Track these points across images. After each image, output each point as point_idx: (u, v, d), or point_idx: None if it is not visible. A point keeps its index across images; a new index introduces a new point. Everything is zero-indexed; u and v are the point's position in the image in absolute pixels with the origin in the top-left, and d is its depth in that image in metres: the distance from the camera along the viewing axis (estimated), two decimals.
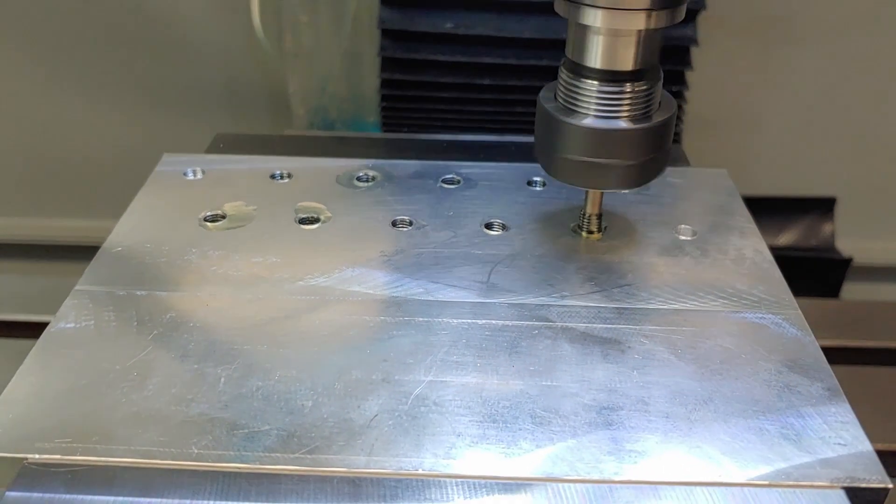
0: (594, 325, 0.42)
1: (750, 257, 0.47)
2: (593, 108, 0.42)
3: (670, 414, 0.37)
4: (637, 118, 0.42)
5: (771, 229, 1.04)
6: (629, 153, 0.43)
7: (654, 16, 0.40)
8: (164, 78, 1.05)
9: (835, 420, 0.37)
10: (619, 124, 0.42)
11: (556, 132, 0.43)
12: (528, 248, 0.48)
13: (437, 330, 0.41)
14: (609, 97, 0.42)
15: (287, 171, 0.55)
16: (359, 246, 0.48)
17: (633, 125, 0.42)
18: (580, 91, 0.42)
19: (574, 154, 0.43)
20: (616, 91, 0.42)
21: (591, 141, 0.42)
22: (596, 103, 0.42)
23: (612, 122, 0.42)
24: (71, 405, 0.37)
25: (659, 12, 0.40)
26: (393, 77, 0.72)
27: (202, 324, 0.42)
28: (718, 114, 1.02)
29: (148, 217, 0.50)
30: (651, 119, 0.43)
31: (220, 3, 0.99)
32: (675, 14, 0.41)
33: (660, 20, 0.40)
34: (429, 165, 0.56)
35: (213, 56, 1.03)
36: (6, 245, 1.17)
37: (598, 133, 0.42)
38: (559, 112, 0.43)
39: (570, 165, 0.44)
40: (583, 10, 0.40)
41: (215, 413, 0.36)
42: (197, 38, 1.02)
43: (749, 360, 0.40)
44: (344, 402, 0.37)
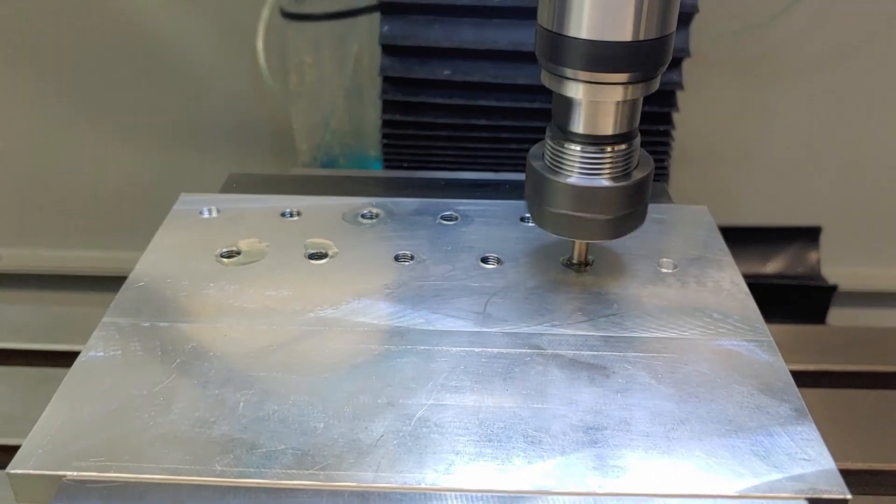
0: (582, 352, 0.46)
1: (727, 288, 0.51)
2: (577, 168, 0.46)
3: (650, 433, 0.40)
4: (617, 177, 0.47)
5: (758, 258, 1.08)
6: (610, 208, 0.47)
7: (629, 89, 0.44)
8: (174, 115, 1.09)
9: (801, 438, 0.40)
10: (601, 182, 0.46)
11: (544, 188, 0.48)
12: (521, 280, 0.52)
13: (437, 357, 0.45)
14: (591, 158, 0.46)
15: (296, 210, 0.59)
16: (364, 279, 0.52)
17: (613, 183, 0.46)
18: (565, 153, 0.46)
19: (560, 208, 0.47)
20: (597, 153, 0.46)
21: (576, 197, 0.47)
22: (579, 164, 0.46)
23: (595, 181, 0.46)
24: (103, 428, 0.40)
25: (635, 86, 0.44)
26: (394, 118, 0.77)
27: (221, 353, 0.45)
28: (705, 149, 1.06)
29: (168, 253, 0.54)
30: (630, 177, 0.47)
31: (228, 45, 1.03)
32: (649, 86, 0.45)
33: (635, 92, 0.44)
34: (428, 203, 0.60)
35: (221, 95, 1.07)
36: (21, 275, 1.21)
37: (582, 190, 0.46)
38: (546, 171, 0.48)
39: (557, 218, 0.48)
40: (566, 83, 0.44)
41: (236, 434, 0.40)
42: (206, 78, 1.06)
43: (724, 384, 0.44)
44: (353, 424, 0.40)
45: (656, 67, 0.44)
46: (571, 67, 0.44)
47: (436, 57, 0.74)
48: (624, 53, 0.43)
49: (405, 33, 0.73)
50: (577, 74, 0.44)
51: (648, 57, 0.43)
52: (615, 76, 0.44)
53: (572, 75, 0.44)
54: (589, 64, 0.43)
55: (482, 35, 0.72)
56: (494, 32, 0.73)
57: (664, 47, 0.44)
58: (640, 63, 0.43)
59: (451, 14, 0.72)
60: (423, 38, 0.73)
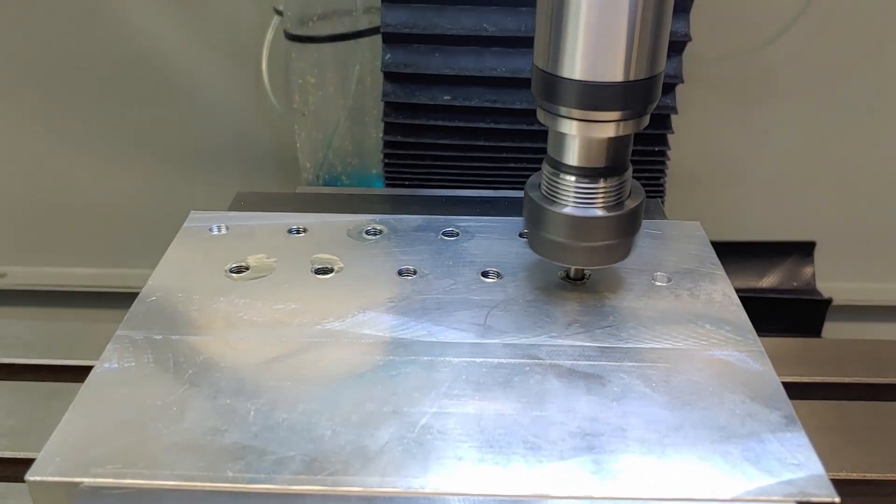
0: (579, 363, 0.47)
1: (719, 301, 0.53)
2: (571, 199, 0.48)
3: (645, 439, 0.42)
4: (610, 207, 0.49)
5: (755, 272, 1.09)
6: (603, 236, 0.49)
7: (621, 126, 0.46)
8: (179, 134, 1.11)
9: (791, 444, 0.42)
10: (594, 212, 0.48)
11: (541, 218, 0.50)
12: (520, 293, 0.54)
13: (439, 367, 0.47)
14: (585, 190, 0.48)
15: (303, 226, 0.61)
16: (369, 293, 0.53)
17: (606, 213, 0.49)
18: (560, 184, 0.49)
19: (556, 236, 0.49)
20: (591, 185, 0.48)
21: (571, 226, 0.49)
22: (574, 194, 0.48)
23: (589, 211, 0.49)
24: (119, 436, 0.42)
25: (626, 122, 0.46)
26: (395, 139, 0.79)
27: (232, 364, 0.47)
28: (701, 167, 1.09)
29: (179, 269, 0.56)
30: (623, 207, 0.49)
31: (234, 66, 1.05)
32: (640, 122, 0.47)
33: (627, 129, 0.47)
34: (430, 220, 0.62)
35: (226, 114, 1.09)
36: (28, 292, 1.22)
37: (577, 220, 0.49)
38: (542, 201, 0.50)
39: (554, 246, 0.50)
40: (559, 120, 0.47)
41: (247, 442, 0.41)
42: (211, 98, 1.08)
43: (716, 392, 0.45)
44: (359, 431, 0.42)
45: (646, 105, 0.46)
46: (566, 106, 0.46)
47: (436, 83, 0.76)
48: (615, 94, 0.45)
49: (406, 61, 0.75)
50: (570, 112, 0.46)
51: (638, 96, 0.45)
52: (607, 114, 0.46)
53: (566, 113, 0.46)
54: (582, 103, 0.45)
55: (481, 62, 0.75)
56: (492, 60, 0.75)
57: (653, 87, 0.46)
58: (631, 102, 0.45)
59: (450, 43, 0.75)
60: (424, 66, 0.75)
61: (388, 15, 0.73)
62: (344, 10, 0.91)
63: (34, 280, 1.22)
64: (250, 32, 1.01)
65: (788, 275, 1.10)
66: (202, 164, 1.13)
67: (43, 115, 1.09)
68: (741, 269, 1.09)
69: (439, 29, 0.73)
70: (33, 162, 1.13)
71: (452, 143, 0.78)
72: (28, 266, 1.21)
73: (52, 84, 1.07)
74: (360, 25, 0.90)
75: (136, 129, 1.10)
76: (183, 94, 1.07)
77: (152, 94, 1.08)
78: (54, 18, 1.02)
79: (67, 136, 1.10)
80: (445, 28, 0.73)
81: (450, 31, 0.73)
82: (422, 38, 0.74)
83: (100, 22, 1.01)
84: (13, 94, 1.07)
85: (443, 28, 0.73)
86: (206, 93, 1.08)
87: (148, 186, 1.14)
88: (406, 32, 0.74)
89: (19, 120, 1.09)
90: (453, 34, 0.73)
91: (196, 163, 1.13)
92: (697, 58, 0.94)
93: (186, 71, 1.06)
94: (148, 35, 1.03)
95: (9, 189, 1.15)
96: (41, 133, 1.10)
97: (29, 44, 1.04)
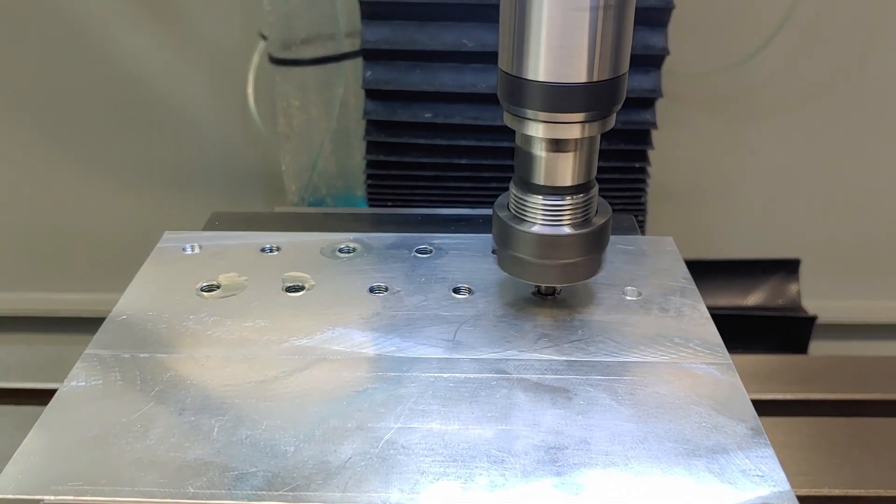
0: (546, 376, 0.47)
1: (688, 314, 0.53)
2: (539, 217, 0.49)
3: (609, 452, 0.42)
4: (577, 224, 0.49)
5: (740, 290, 1.09)
6: (571, 254, 0.49)
7: (587, 127, 0.46)
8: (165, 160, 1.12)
9: (755, 455, 0.42)
10: (562, 230, 0.49)
11: (510, 237, 0.50)
12: (491, 309, 0.54)
13: (406, 383, 0.47)
14: (552, 208, 0.48)
15: (276, 245, 0.61)
16: (339, 310, 0.53)
17: (574, 231, 0.49)
18: (528, 203, 0.49)
19: (525, 255, 0.50)
20: (558, 203, 0.48)
21: (539, 244, 0.49)
22: (541, 213, 0.49)
23: (557, 229, 0.49)
24: (82, 453, 0.42)
25: (591, 124, 0.46)
26: (377, 158, 0.79)
27: (198, 381, 0.47)
28: (686, 186, 1.09)
29: (150, 288, 0.56)
30: (590, 224, 0.49)
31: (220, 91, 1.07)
32: (605, 124, 0.47)
33: (592, 130, 0.47)
34: (404, 237, 0.62)
35: (212, 138, 1.10)
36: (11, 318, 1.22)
37: (545, 238, 0.49)
38: (511, 220, 0.50)
39: (523, 264, 0.50)
40: (525, 123, 0.47)
41: (209, 458, 0.41)
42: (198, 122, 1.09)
43: (682, 405, 0.45)
44: (322, 447, 0.42)
45: (610, 106, 0.47)
46: (531, 108, 0.46)
47: (417, 100, 0.77)
48: (579, 94, 0.45)
49: (387, 78, 0.76)
50: (536, 115, 0.46)
51: (602, 97, 0.46)
52: (572, 116, 0.46)
53: (532, 116, 0.47)
54: (546, 105, 0.46)
55: (461, 79, 0.75)
56: (473, 76, 0.76)
57: (617, 88, 0.46)
58: (596, 102, 0.46)
59: (430, 60, 0.75)
60: (405, 83, 0.76)
61: (368, 32, 0.74)
62: (327, 35, 0.92)
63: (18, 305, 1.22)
64: (236, 56, 1.02)
65: (774, 292, 1.10)
66: (188, 188, 1.14)
67: (27, 141, 1.09)
68: (726, 287, 1.09)
69: (420, 45, 0.74)
70: (17, 188, 1.13)
71: (434, 161, 0.78)
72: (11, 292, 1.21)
73: (36, 109, 1.07)
74: (343, 49, 0.91)
75: (123, 154, 1.11)
76: (168, 118, 1.08)
77: (138, 119, 1.08)
78: (40, 43, 1.03)
79: (52, 164, 1.10)
80: (426, 44, 0.74)
81: (430, 48, 0.74)
82: (402, 55, 0.75)
83: (85, 46, 1.02)
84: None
85: (423, 44, 0.74)
86: (193, 117, 1.09)
87: (134, 213, 1.14)
88: (387, 49, 0.75)
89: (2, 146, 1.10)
90: (433, 50, 0.74)
91: (182, 187, 1.14)
92: (679, 75, 0.95)
93: (173, 96, 1.07)
94: (135, 59, 1.04)
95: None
96: (25, 159, 1.11)
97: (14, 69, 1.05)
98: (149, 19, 1.02)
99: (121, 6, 1.00)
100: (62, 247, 1.18)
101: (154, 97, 1.07)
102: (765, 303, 1.09)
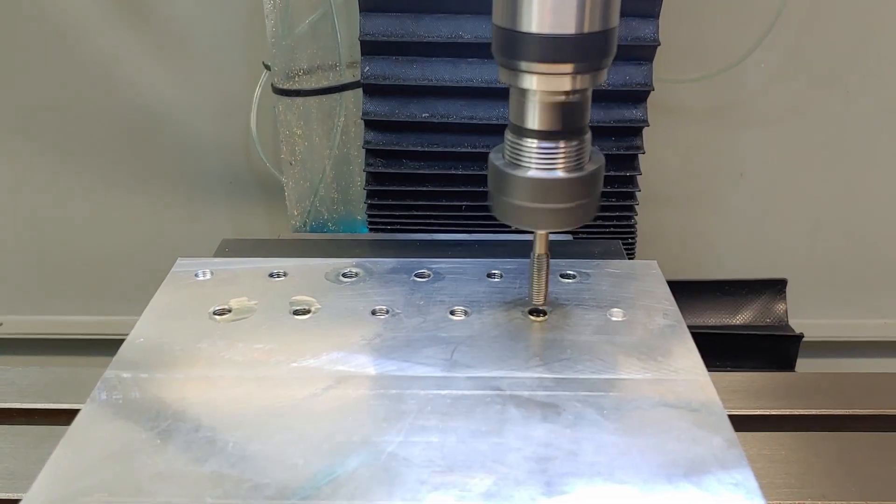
0: (537, 393, 0.51)
1: (670, 334, 0.57)
2: (534, 162, 0.51)
3: (595, 462, 0.45)
4: (571, 168, 0.51)
5: (729, 310, 1.13)
6: (566, 198, 0.51)
7: (578, 79, 0.48)
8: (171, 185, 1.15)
9: (731, 465, 0.45)
10: (556, 174, 0.51)
11: (505, 183, 0.52)
12: (485, 330, 0.57)
13: (407, 400, 0.50)
14: (546, 152, 0.50)
15: (283, 270, 0.64)
16: (343, 332, 0.57)
17: (568, 174, 0.51)
18: (522, 148, 0.51)
19: (521, 201, 0.52)
20: (552, 147, 0.50)
21: (534, 189, 0.51)
22: (536, 158, 0.51)
23: (551, 173, 0.51)
24: (106, 467, 0.45)
25: (582, 76, 0.49)
26: (376, 188, 0.82)
27: (213, 400, 0.50)
28: (674, 195, 1.12)
29: (165, 312, 0.59)
30: (583, 169, 0.52)
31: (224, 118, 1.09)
32: (596, 77, 0.49)
33: (583, 82, 0.49)
34: (404, 262, 0.66)
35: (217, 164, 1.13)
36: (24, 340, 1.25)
37: (539, 182, 0.51)
38: (507, 167, 0.52)
39: (518, 210, 0.52)
40: (519, 76, 0.49)
41: (225, 470, 0.44)
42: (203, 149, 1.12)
43: (663, 419, 0.49)
44: (330, 460, 0.45)
45: (601, 59, 0.49)
46: (525, 60, 0.49)
47: (416, 130, 0.80)
48: (571, 45, 0.47)
49: (386, 110, 0.79)
50: (530, 67, 0.49)
51: (594, 48, 0.48)
52: (564, 66, 0.48)
53: (526, 68, 0.49)
54: (540, 55, 0.48)
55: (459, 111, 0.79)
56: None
57: (607, 39, 0.48)
58: (587, 54, 0.48)
59: (428, 94, 0.79)
60: (404, 115, 0.79)
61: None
62: (328, 65, 0.96)
63: (29, 329, 1.24)
64: (240, 86, 1.05)
65: (762, 312, 1.13)
66: (194, 213, 1.17)
67: (38, 167, 1.12)
68: (716, 306, 1.12)
69: (416, 37, 0.76)
70: (28, 213, 1.16)
71: (432, 189, 0.82)
72: (23, 315, 1.24)
73: (45, 136, 1.10)
74: (344, 79, 0.95)
75: (129, 180, 1.14)
76: (174, 145, 1.11)
77: (144, 145, 1.11)
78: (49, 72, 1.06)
79: (62, 187, 1.14)
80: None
81: (427, 83, 0.77)
82: (401, 89, 0.78)
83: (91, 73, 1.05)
84: (7, 147, 1.11)
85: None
86: (198, 143, 1.12)
87: (140, 235, 1.17)
88: (386, 84, 0.78)
89: (10, 171, 1.12)
90: (430, 85, 0.77)
91: (188, 211, 1.17)
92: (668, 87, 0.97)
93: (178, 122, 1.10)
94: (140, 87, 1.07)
95: (4, 240, 1.18)
96: (36, 184, 1.14)
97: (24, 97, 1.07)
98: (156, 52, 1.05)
99: (128, 37, 1.04)
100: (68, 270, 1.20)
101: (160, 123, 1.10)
102: (753, 321, 1.12)
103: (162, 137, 1.11)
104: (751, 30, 0.99)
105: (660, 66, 0.80)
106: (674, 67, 0.98)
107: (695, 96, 1.05)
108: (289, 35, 0.93)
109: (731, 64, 1.01)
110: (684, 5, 0.95)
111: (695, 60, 1.02)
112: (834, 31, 1.02)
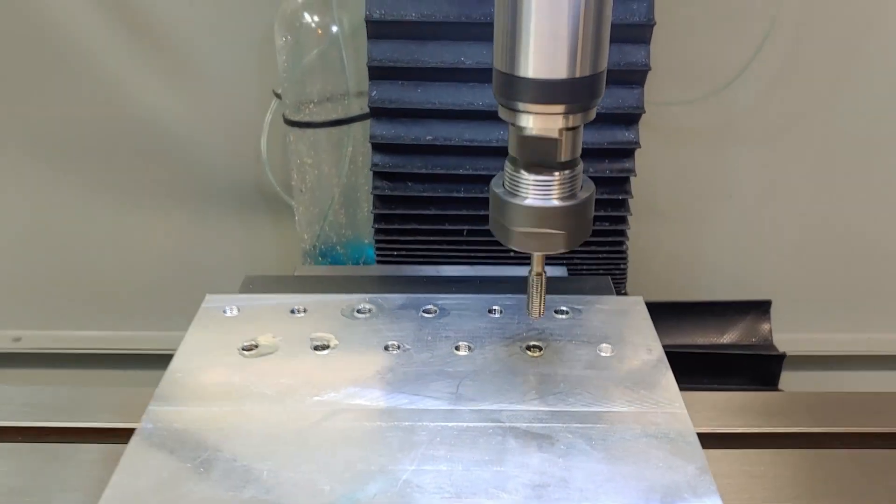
0: (533, 425, 0.57)
1: (652, 369, 0.63)
2: (531, 191, 0.56)
3: (584, 489, 0.52)
4: (564, 197, 0.57)
5: (715, 330, 1.19)
6: (561, 224, 0.57)
7: (570, 118, 0.54)
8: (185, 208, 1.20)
9: (701, 492, 0.52)
10: (552, 203, 0.56)
11: (505, 211, 0.58)
12: (487, 365, 0.64)
13: (418, 431, 0.57)
14: (542, 183, 0.56)
15: (303, 307, 0.71)
16: (359, 367, 0.63)
17: (562, 203, 0.56)
18: (521, 179, 0.56)
19: (517, 226, 0.57)
20: (548, 178, 0.56)
21: (529, 215, 0.56)
22: (533, 188, 0.56)
23: (547, 202, 0.56)
24: (157, 493, 0.51)
25: (574, 115, 0.54)
26: (384, 212, 0.88)
27: (246, 431, 0.57)
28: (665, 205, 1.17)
29: (199, 348, 0.66)
30: (576, 197, 0.57)
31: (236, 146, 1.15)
32: (587, 116, 0.55)
33: (575, 121, 0.54)
34: (412, 298, 0.72)
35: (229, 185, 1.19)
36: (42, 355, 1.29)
37: (536, 209, 0.56)
38: (506, 195, 0.58)
39: (518, 236, 0.57)
40: (517, 115, 0.54)
41: (261, 496, 0.51)
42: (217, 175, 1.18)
43: (644, 449, 0.55)
44: (352, 486, 0.52)
45: (591, 99, 0.54)
46: (522, 101, 0.54)
47: (420, 153, 0.85)
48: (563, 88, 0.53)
49: (393, 133, 0.85)
50: (527, 107, 0.54)
51: (584, 90, 0.53)
52: (557, 107, 0.53)
53: (523, 108, 0.54)
54: (535, 98, 0.53)
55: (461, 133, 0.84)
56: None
57: (597, 82, 0.54)
58: (578, 96, 0.53)
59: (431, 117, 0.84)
60: (408, 138, 0.84)
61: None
62: (338, 96, 1.01)
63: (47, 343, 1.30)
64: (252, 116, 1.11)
65: (747, 331, 1.19)
66: (207, 234, 1.22)
67: (55, 187, 1.18)
68: (703, 326, 1.18)
69: (421, 63, 0.81)
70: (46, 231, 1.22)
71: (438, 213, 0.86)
72: (41, 330, 1.29)
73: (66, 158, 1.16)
74: (353, 110, 1.01)
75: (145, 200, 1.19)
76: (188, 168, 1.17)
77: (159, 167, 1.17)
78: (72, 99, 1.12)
79: (78, 207, 1.20)
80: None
81: (433, 106, 0.81)
82: (406, 113, 0.83)
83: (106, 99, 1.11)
84: (25, 165, 1.16)
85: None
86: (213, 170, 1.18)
87: (154, 254, 1.23)
88: (393, 108, 0.83)
89: (30, 188, 1.18)
90: (436, 109, 0.81)
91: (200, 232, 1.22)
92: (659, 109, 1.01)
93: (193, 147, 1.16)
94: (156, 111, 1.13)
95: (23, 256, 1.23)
96: (53, 203, 1.20)
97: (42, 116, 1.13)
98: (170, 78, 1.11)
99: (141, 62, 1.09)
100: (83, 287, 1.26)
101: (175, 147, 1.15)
102: (739, 340, 1.18)
103: (176, 160, 1.16)
104: (740, 52, 1.04)
105: (651, 88, 0.84)
106: (664, 90, 1.03)
107: (682, 118, 1.09)
108: (299, 66, 0.99)
109: (720, 86, 1.05)
110: (674, 30, 0.98)
111: (684, 82, 1.07)
112: (821, 55, 1.06)
